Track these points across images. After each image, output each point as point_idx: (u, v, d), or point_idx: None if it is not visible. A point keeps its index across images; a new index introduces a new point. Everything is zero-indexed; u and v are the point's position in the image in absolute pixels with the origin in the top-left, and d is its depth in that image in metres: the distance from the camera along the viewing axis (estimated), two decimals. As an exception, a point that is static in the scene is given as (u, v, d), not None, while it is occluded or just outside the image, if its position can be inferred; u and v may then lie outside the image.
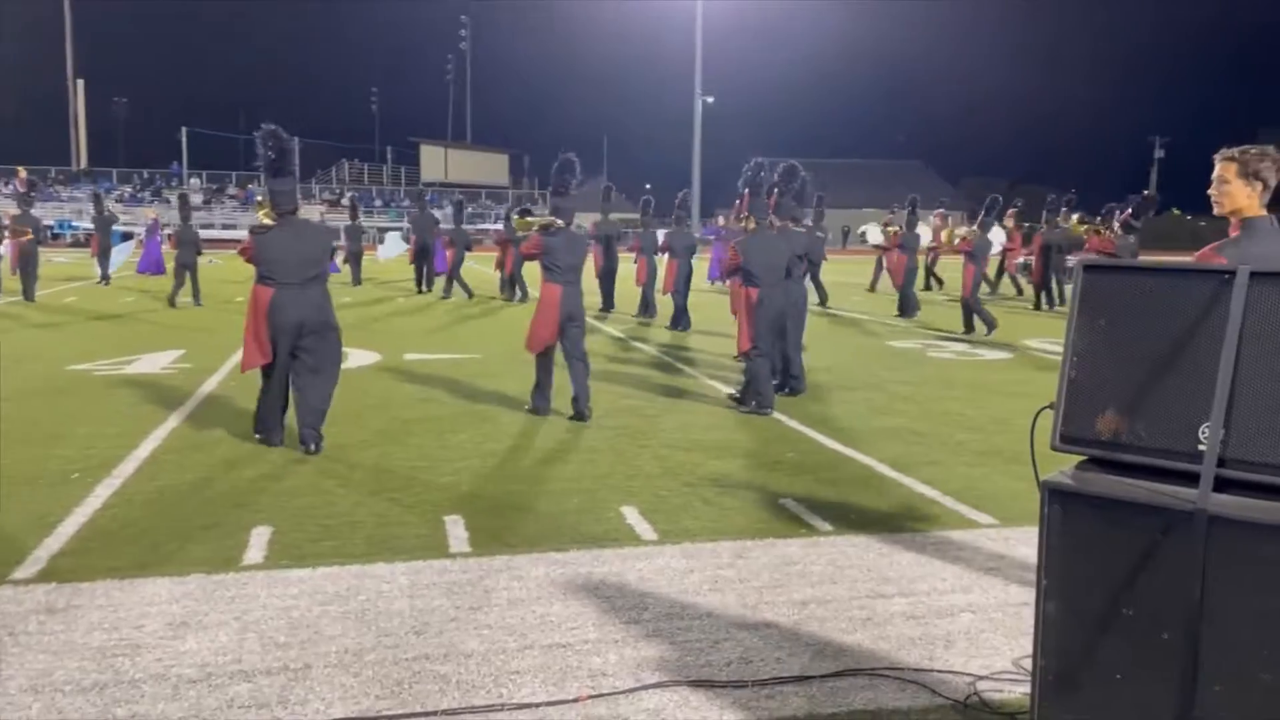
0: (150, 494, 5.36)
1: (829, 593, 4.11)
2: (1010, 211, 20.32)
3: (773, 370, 8.25)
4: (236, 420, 7.24)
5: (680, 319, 14.18)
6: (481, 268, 25.76)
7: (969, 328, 13.83)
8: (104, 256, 21.14)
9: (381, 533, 4.78)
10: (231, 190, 50.45)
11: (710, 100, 54.76)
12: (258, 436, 6.56)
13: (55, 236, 41.52)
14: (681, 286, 14.48)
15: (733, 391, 8.53)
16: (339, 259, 20.61)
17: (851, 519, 5.11)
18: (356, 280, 21.66)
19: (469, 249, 20.14)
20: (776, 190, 8.48)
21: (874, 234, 25.72)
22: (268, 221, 6.47)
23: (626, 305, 16.45)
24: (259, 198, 7.15)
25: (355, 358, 10.56)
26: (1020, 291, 22.23)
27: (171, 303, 16.33)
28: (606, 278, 16.37)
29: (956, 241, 14.80)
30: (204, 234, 21.60)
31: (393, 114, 78.51)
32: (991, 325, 13.56)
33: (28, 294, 16.53)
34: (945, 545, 4.73)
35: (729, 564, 4.44)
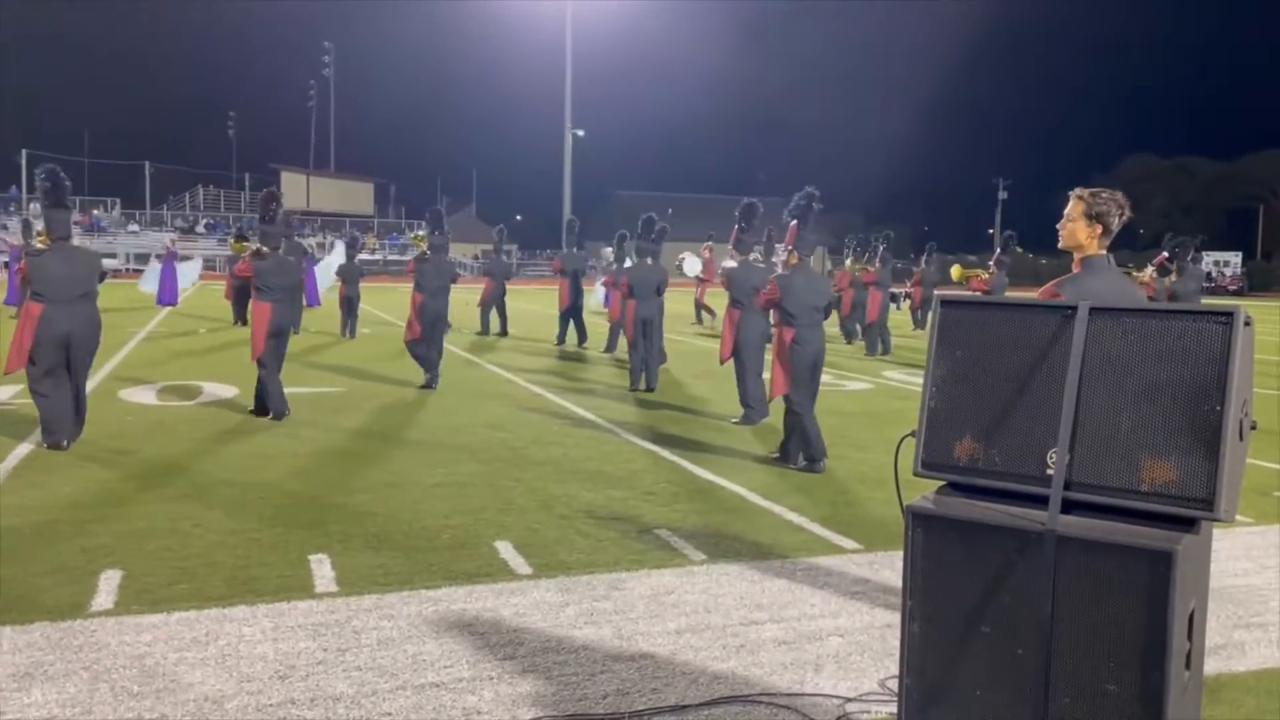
0: (-15, 539, 5.00)
1: (704, 621, 4.16)
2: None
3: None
4: (83, 458, 6.84)
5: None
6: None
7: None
8: None
9: (242, 574, 4.59)
10: (76, 216, 47.79)
11: (581, 134, 55.25)
12: (46, 443, 7.03)
13: None
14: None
15: (774, 453, 7.59)
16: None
17: (724, 547, 5.19)
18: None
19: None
20: (795, 221, 7.68)
21: (690, 264, 27.11)
22: (41, 246, 7.41)
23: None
24: (38, 227, 8.08)
25: (211, 390, 10.15)
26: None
27: None
28: (575, 312, 16.59)
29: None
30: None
31: (251, 140, 75.94)
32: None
33: None
34: (814, 571, 4.86)
35: (605, 596, 4.44)
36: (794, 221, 7.67)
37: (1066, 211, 3.64)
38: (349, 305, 17.15)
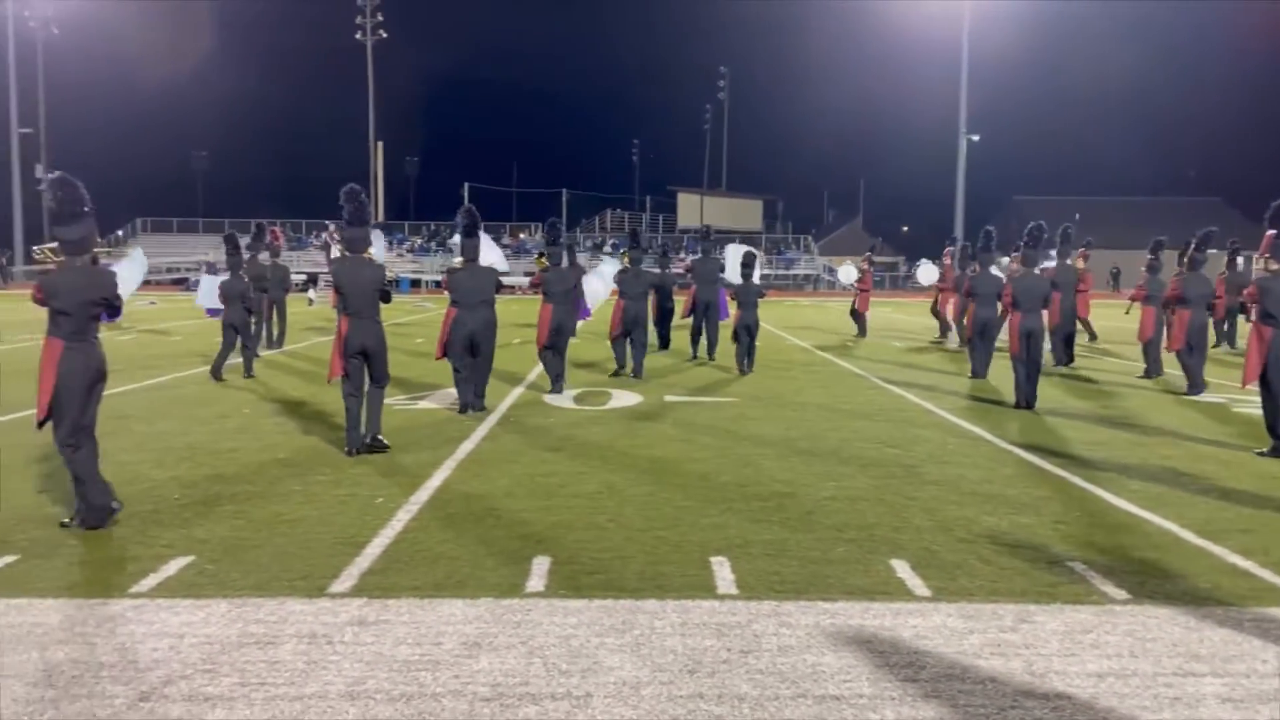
0: (443, 520, 5.79)
1: (1129, 666, 3.79)
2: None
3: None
4: (515, 453, 7.70)
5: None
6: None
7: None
8: None
9: (651, 570, 4.90)
10: (505, 240, 54.11)
11: (975, 138, 52.81)
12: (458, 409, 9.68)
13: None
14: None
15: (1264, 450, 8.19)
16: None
17: (1150, 588, 4.69)
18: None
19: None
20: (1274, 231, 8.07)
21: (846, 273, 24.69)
22: (458, 265, 9.92)
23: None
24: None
25: (619, 398, 10.95)
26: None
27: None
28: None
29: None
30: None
31: (652, 164, 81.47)
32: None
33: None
34: (1266, 624, 4.23)
35: (1012, 627, 4.19)
36: (1272, 231, 7.83)
37: None
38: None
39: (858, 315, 20.82)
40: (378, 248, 21.19)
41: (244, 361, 12.83)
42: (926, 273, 23.34)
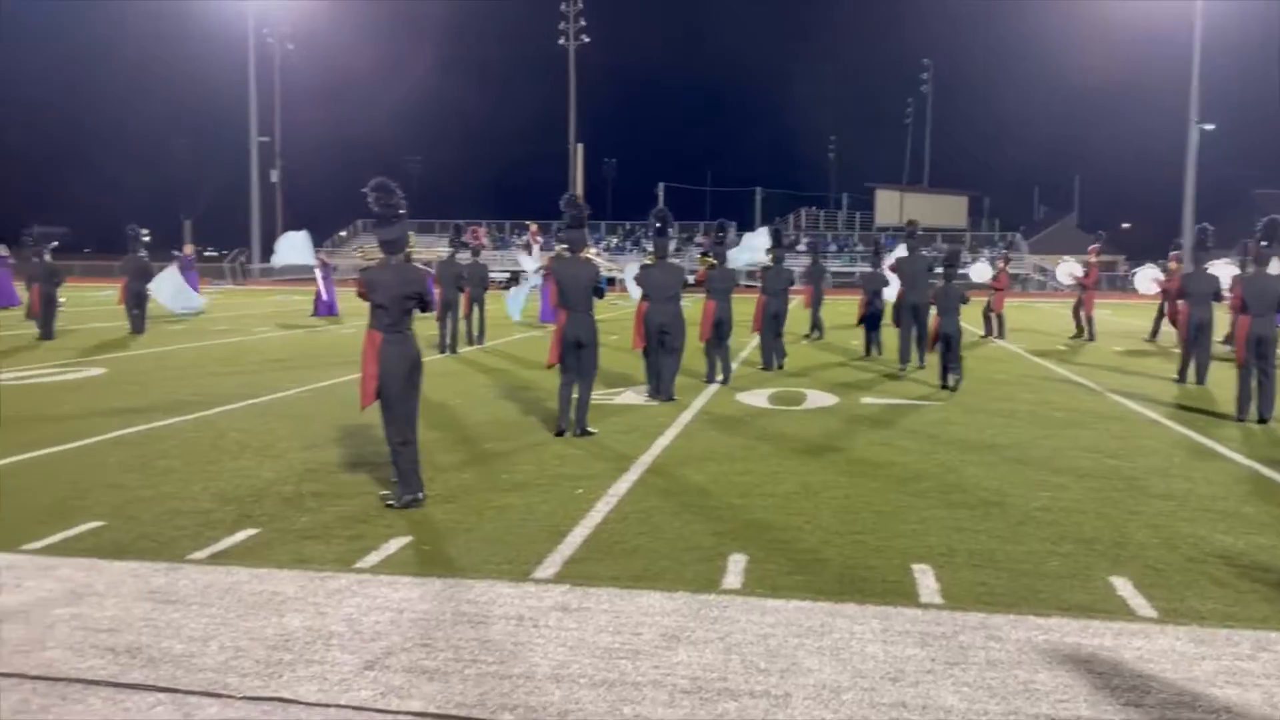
0: (641, 514, 5.89)
1: (1394, 709, 3.40)
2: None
3: None
4: (710, 451, 7.74)
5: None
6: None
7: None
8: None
9: (850, 573, 4.81)
10: (699, 238, 54.42)
11: (1209, 127, 48.76)
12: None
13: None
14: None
15: None
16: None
17: None
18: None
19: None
20: None
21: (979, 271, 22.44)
22: (649, 262, 10.58)
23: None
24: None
25: (815, 399, 10.81)
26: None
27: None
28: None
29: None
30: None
31: (849, 161, 79.92)
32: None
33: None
34: None
35: (1250, 655, 3.85)
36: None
37: None
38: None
39: (991, 317, 19.79)
40: (529, 261, 21.94)
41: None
42: (1144, 280, 21.75)
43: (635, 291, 14.52)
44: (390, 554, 5.05)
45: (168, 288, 22.19)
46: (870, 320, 15.59)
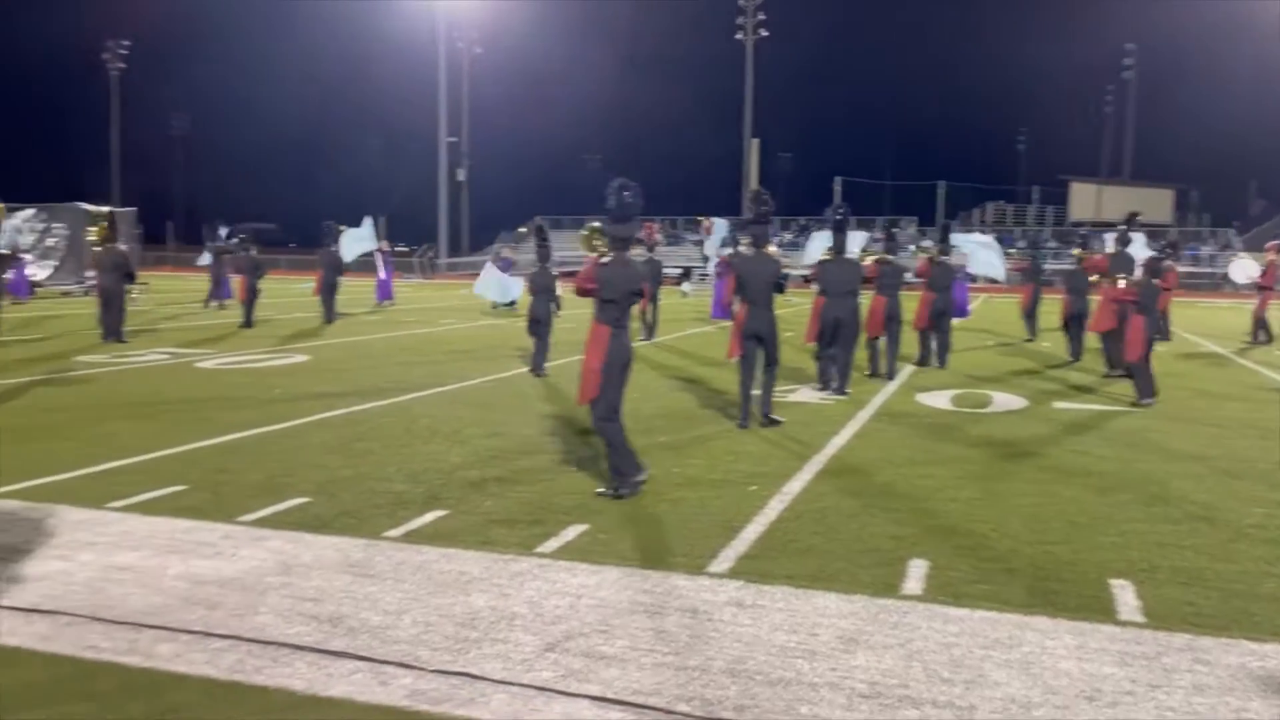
0: (815, 513, 5.81)
1: None
2: None
3: None
4: (888, 451, 7.55)
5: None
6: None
7: None
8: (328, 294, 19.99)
9: (1041, 585, 4.58)
10: (876, 234, 53.12)
11: None
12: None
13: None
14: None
15: None
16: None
17: None
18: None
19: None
20: None
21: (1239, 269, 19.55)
22: (827, 258, 10.55)
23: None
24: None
25: (1001, 401, 10.36)
26: None
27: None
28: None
29: None
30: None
31: (1040, 153, 75.96)
32: None
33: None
34: None
35: None
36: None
37: None
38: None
39: (1262, 320, 18.11)
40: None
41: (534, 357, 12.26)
42: (1239, 271, 19.68)
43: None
44: (569, 541, 5.18)
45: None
46: (1074, 321, 14.68)
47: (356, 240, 22.46)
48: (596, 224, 6.60)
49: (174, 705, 3.31)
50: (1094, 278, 13.73)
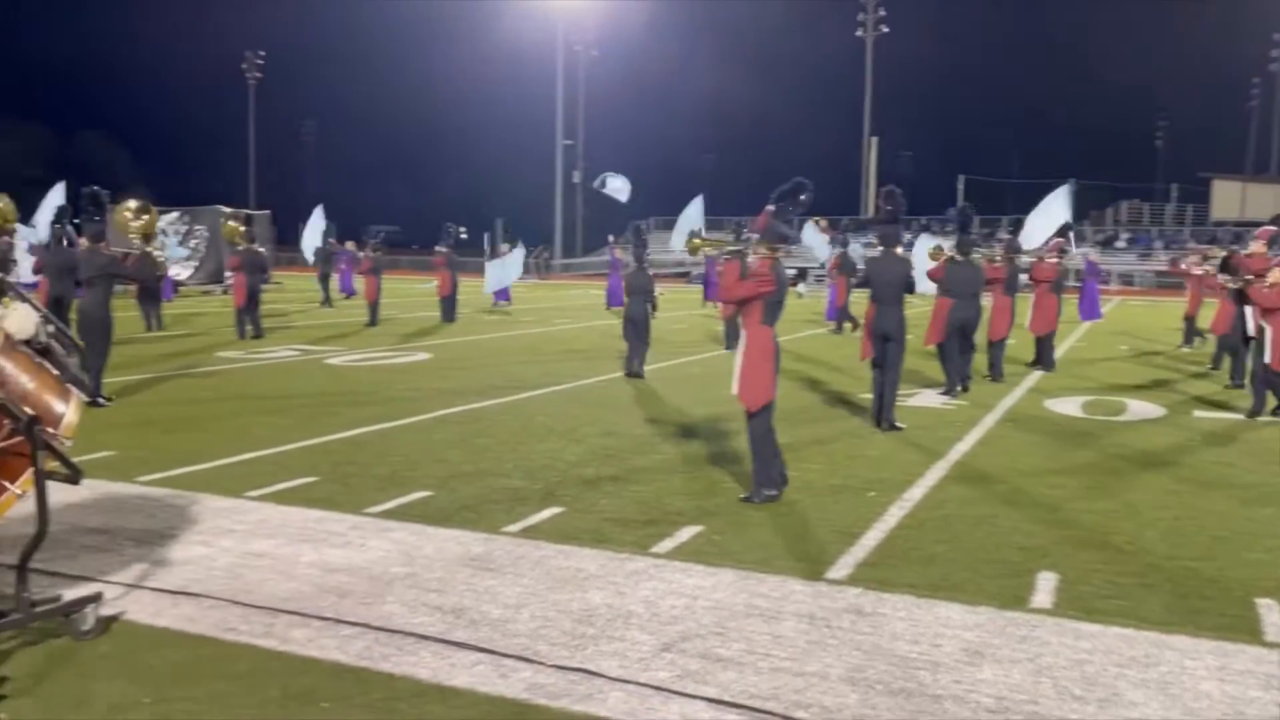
0: (938, 521, 5.66)
1: None
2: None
3: None
4: (1015, 458, 7.30)
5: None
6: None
7: None
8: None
9: (1181, 603, 4.36)
10: (1002, 234, 51.40)
11: None
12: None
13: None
14: None
15: None
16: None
17: None
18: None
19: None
20: None
21: None
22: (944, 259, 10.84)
23: None
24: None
25: (1135, 410, 9.90)
26: None
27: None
28: None
29: None
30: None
31: (1179, 149, 72.25)
32: None
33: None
34: None
35: None
36: None
37: None
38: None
39: None
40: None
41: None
42: None
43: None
44: (683, 542, 5.18)
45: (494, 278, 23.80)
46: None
47: (502, 269, 23.56)
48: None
49: (307, 688, 3.44)
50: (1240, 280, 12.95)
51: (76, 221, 10.41)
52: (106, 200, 9.69)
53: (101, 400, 9.02)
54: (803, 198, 6.12)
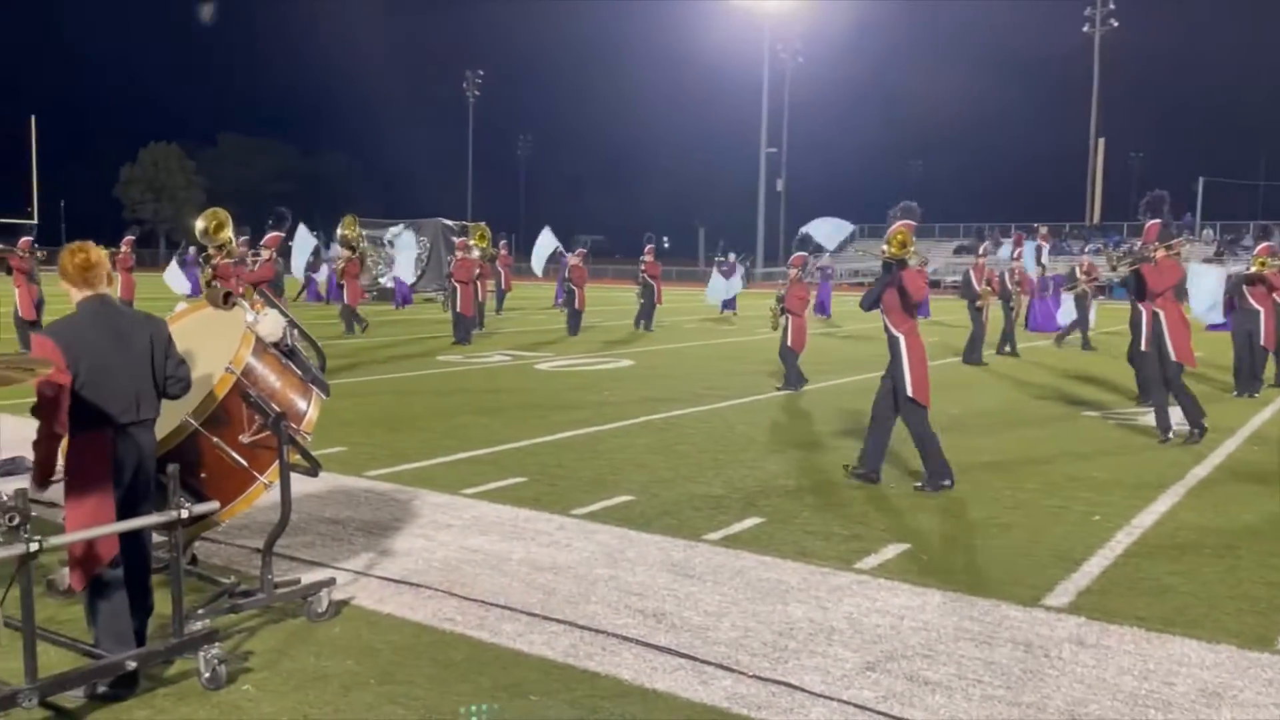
0: (1170, 551, 5.24)
1: None
2: None
3: None
4: (1263, 483, 6.65)
5: None
6: None
7: None
8: None
9: None
10: (1246, 240, 46.86)
11: None
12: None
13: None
14: None
15: None
16: None
17: None
18: None
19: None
20: None
21: None
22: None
23: None
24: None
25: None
26: None
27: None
28: None
29: None
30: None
31: None
32: None
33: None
34: None
35: None
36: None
37: None
38: None
39: None
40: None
41: None
42: None
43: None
44: (888, 559, 5.03)
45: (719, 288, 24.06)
46: None
47: (725, 283, 23.97)
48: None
49: (516, 681, 3.58)
50: None
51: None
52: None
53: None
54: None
